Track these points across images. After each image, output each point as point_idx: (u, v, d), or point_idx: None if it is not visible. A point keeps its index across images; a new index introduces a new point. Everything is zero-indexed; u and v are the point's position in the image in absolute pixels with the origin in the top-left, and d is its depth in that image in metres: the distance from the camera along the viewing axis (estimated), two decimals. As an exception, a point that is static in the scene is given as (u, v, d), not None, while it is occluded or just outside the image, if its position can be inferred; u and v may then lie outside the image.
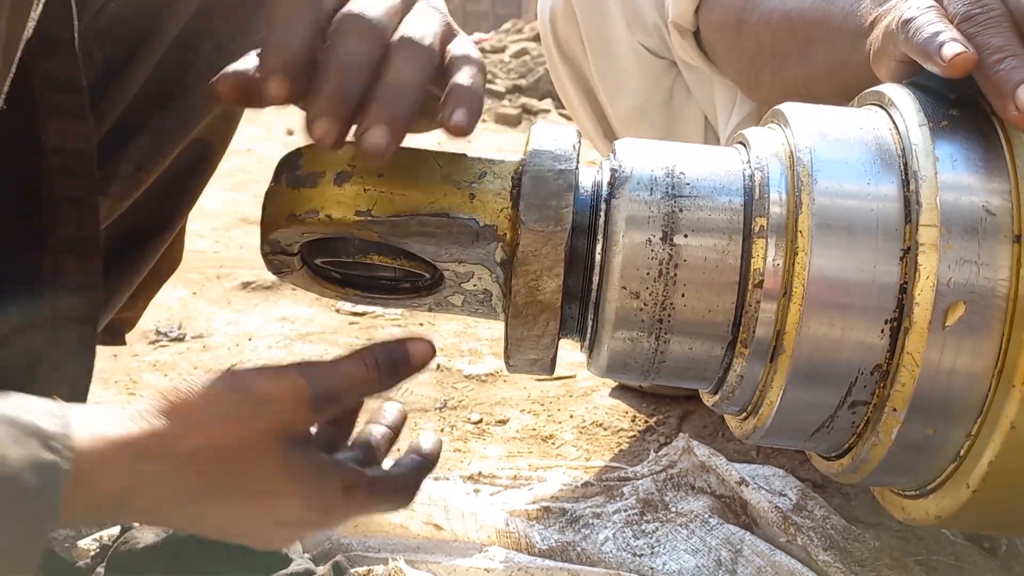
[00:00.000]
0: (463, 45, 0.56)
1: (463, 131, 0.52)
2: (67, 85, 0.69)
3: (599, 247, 0.59)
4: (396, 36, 0.53)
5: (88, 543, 0.86)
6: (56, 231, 0.72)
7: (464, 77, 0.54)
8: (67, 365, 0.73)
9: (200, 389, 0.53)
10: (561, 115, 4.15)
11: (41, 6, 0.59)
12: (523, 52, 5.32)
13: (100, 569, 0.81)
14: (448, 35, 0.57)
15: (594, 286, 0.59)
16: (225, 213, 2.38)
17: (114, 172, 0.79)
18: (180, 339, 1.58)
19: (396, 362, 0.57)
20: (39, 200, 0.71)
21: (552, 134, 0.61)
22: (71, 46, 0.68)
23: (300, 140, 0.59)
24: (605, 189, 0.60)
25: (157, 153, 0.82)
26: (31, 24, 0.57)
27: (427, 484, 0.92)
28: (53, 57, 0.68)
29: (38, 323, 0.71)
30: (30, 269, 0.53)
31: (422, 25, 0.54)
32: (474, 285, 0.62)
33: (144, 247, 0.87)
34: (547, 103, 4.41)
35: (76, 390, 0.75)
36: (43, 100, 0.69)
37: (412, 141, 0.58)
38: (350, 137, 0.53)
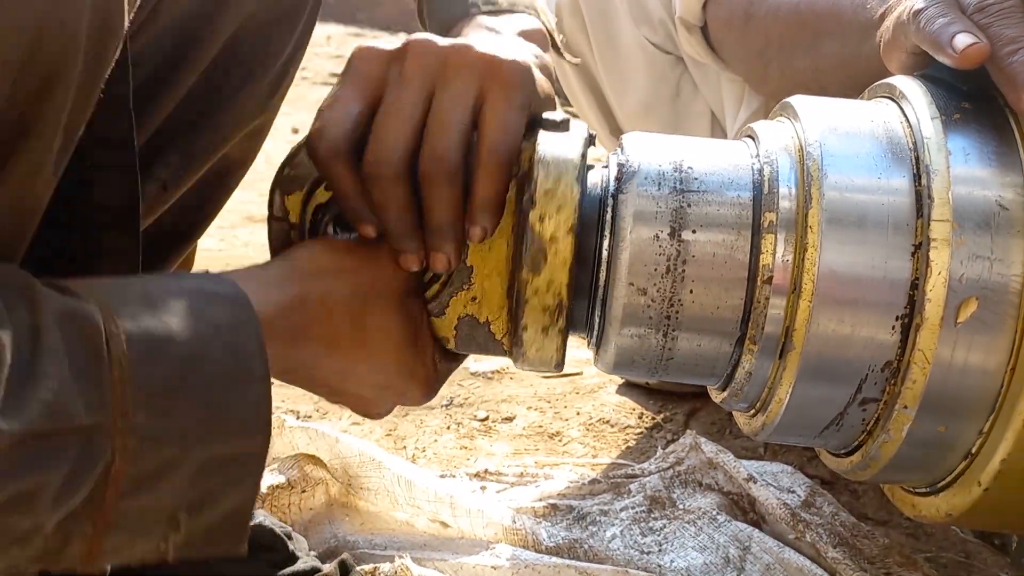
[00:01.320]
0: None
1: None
2: (119, 143, 0.67)
3: (606, 243, 0.58)
4: (482, 145, 0.58)
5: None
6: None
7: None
8: None
9: (335, 248, 0.61)
10: (568, 111, 4.14)
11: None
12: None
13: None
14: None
15: (601, 282, 0.59)
16: (231, 211, 2.37)
17: (142, 190, 0.79)
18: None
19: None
20: (84, 253, 0.71)
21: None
22: (126, 103, 0.66)
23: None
24: (612, 184, 0.59)
25: (185, 172, 0.82)
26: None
27: (434, 480, 0.92)
28: (108, 113, 0.67)
29: None
30: None
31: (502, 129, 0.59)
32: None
33: (165, 259, 0.87)
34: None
35: None
36: (92, 156, 0.67)
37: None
38: None
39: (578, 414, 1.28)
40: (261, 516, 0.83)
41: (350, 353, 0.60)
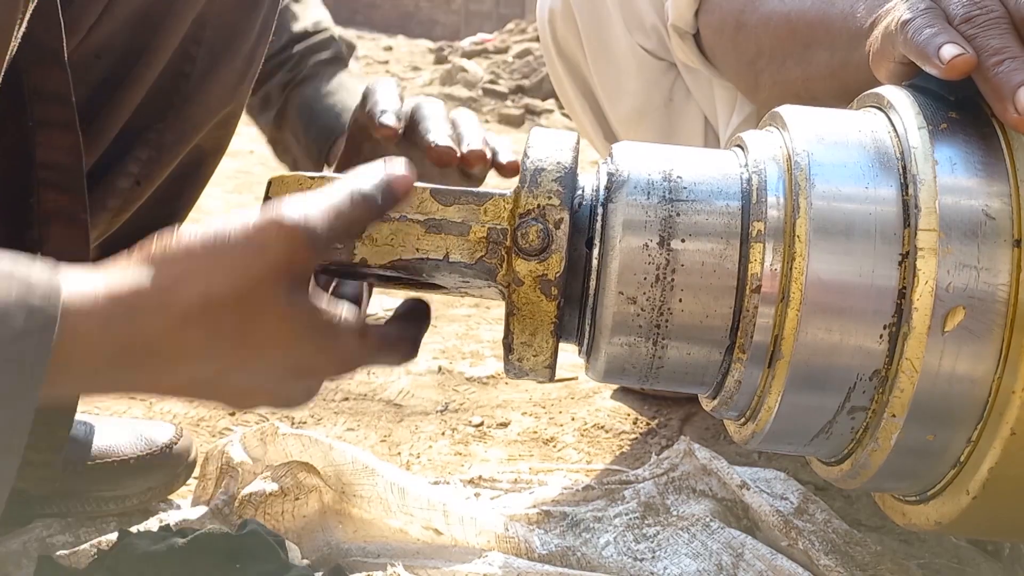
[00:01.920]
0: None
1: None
2: (56, 97, 0.68)
3: (596, 252, 0.59)
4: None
5: (86, 548, 0.85)
6: (43, 246, 0.71)
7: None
8: None
9: (191, 237, 0.50)
10: (564, 115, 4.15)
11: (27, 19, 0.58)
12: (526, 52, 5.32)
13: None
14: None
15: (591, 291, 0.59)
16: (219, 210, 2.38)
17: (113, 186, 0.79)
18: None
19: (387, 183, 0.55)
20: (28, 214, 0.71)
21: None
22: (60, 57, 0.67)
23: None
24: (602, 193, 0.59)
25: (156, 165, 0.82)
26: (18, 34, 0.57)
27: (427, 488, 0.92)
28: (42, 69, 0.68)
29: None
30: None
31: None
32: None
33: None
34: (550, 103, 4.41)
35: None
36: (32, 112, 0.68)
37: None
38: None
39: (573, 419, 1.28)
40: (254, 524, 0.83)
41: (232, 354, 0.51)
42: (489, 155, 0.80)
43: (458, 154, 0.78)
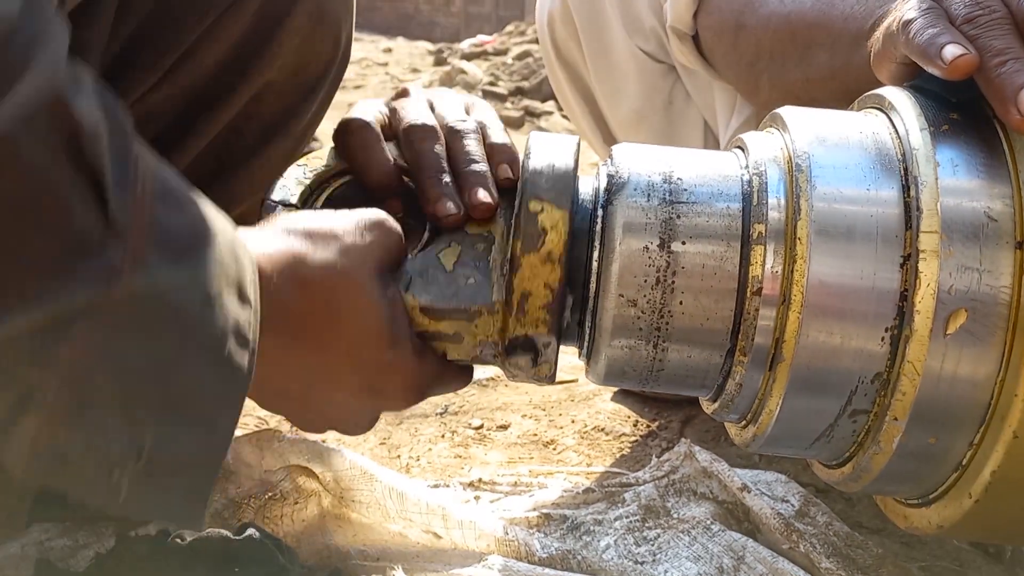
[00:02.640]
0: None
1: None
2: None
3: (596, 254, 0.58)
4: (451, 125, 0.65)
5: (84, 552, 0.85)
6: None
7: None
8: None
9: (312, 220, 0.57)
10: (563, 117, 4.15)
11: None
12: (526, 54, 5.32)
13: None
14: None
15: (591, 294, 0.59)
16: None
17: None
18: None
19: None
20: None
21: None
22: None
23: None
24: (602, 196, 0.59)
25: None
26: None
27: (426, 492, 0.92)
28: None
29: None
30: None
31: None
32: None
33: None
34: (550, 105, 4.40)
35: None
36: None
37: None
38: None
39: (573, 422, 1.28)
40: (252, 528, 0.82)
41: (319, 336, 0.56)
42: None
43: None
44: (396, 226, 0.59)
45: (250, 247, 0.52)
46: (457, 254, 0.60)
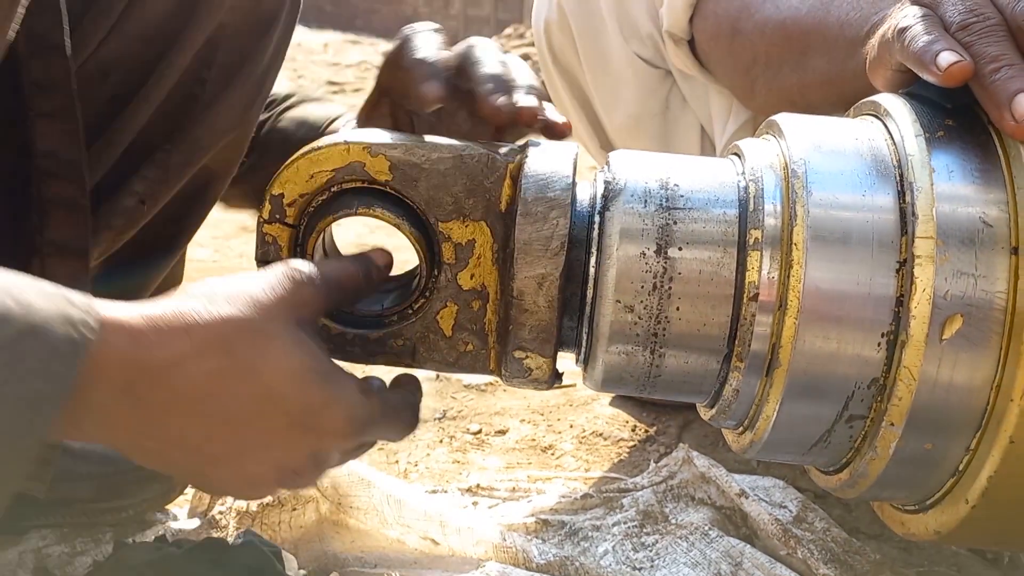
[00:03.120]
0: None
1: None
2: (56, 86, 0.69)
3: (593, 260, 0.58)
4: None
5: (82, 559, 0.85)
6: (44, 233, 0.72)
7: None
8: None
9: (215, 280, 0.55)
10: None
11: (23, 8, 0.58)
12: (524, 57, 5.31)
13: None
14: None
15: (588, 299, 0.59)
16: (225, 221, 2.37)
17: (118, 204, 0.79)
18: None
19: (374, 267, 0.62)
20: (29, 202, 0.71)
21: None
22: (61, 49, 0.68)
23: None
24: (599, 202, 0.59)
25: (163, 186, 0.81)
26: (15, 26, 0.57)
27: (424, 499, 0.92)
28: (41, 59, 0.68)
29: None
30: (16, 270, 0.54)
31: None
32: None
33: (147, 273, 0.86)
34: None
35: None
36: (32, 103, 0.69)
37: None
38: None
39: (571, 427, 1.28)
40: (250, 535, 0.82)
41: (236, 379, 0.53)
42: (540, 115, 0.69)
43: (512, 110, 0.66)
44: (312, 278, 0.57)
45: (106, 311, 0.51)
46: (455, 316, 0.62)
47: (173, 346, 0.51)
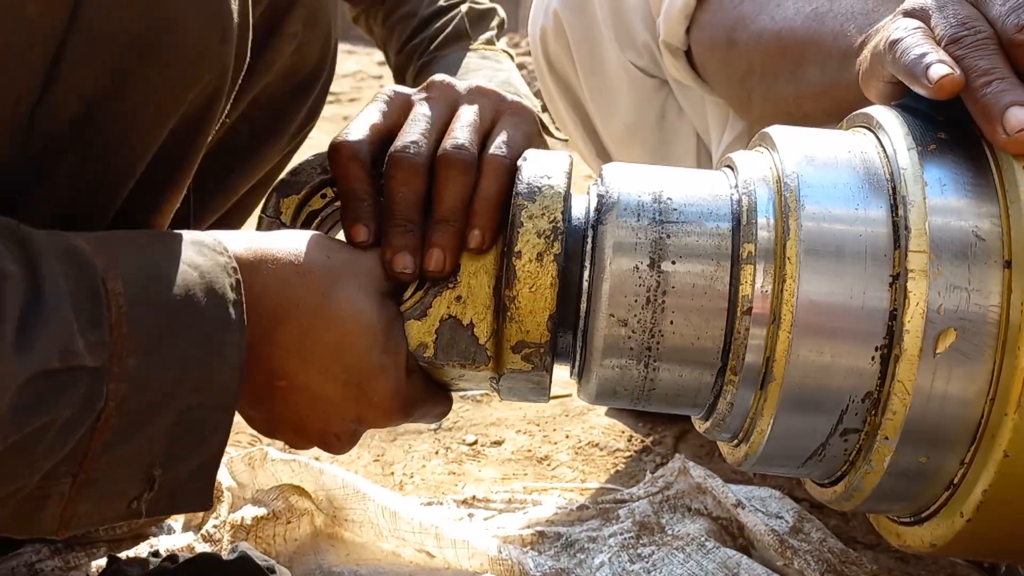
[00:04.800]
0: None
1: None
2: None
3: (587, 274, 0.58)
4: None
5: (76, 574, 0.85)
6: None
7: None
8: None
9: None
10: (557, 129, 4.15)
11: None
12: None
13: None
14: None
15: (582, 313, 0.59)
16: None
17: None
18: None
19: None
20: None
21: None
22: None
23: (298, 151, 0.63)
24: (592, 215, 0.59)
25: (197, 226, 0.85)
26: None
27: (419, 511, 0.91)
28: None
29: None
30: None
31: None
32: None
33: None
34: (545, 117, 4.41)
35: None
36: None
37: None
38: None
39: (567, 437, 1.28)
40: (244, 547, 0.82)
41: (313, 321, 0.56)
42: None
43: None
44: (373, 257, 0.61)
45: (236, 244, 0.55)
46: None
47: (281, 279, 0.56)
